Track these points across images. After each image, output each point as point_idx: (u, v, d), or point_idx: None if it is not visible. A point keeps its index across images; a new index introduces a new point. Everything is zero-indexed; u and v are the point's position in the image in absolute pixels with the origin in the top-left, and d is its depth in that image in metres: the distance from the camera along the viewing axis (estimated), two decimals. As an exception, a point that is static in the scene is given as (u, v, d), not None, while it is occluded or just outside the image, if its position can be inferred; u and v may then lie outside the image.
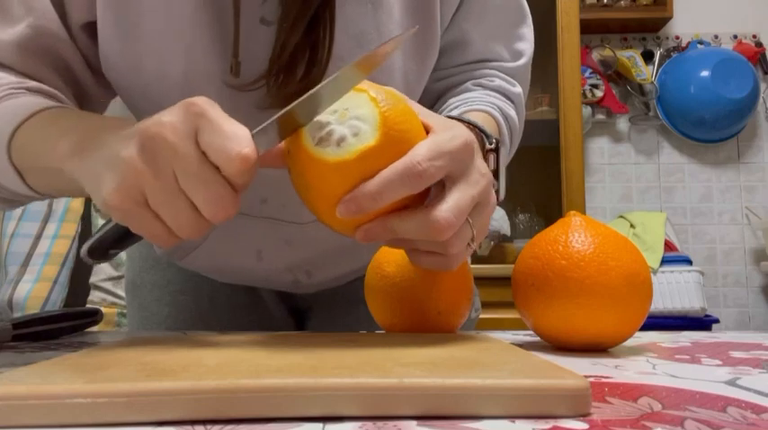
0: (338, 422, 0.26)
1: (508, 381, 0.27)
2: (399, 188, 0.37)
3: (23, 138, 0.48)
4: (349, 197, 0.37)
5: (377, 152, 0.37)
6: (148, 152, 0.36)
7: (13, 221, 1.92)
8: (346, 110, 0.38)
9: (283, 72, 0.52)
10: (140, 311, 0.74)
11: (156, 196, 0.36)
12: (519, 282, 0.47)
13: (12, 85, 0.52)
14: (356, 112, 0.38)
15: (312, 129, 0.38)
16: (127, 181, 0.36)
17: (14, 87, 0.52)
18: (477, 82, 0.66)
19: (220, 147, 0.35)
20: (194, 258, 0.67)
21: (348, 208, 0.37)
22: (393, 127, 0.37)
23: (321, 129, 0.38)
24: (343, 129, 0.37)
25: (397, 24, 0.57)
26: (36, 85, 0.54)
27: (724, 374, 0.36)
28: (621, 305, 0.43)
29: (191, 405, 0.26)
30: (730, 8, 2.43)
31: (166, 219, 0.37)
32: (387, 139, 0.37)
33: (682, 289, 1.99)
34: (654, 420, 0.26)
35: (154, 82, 0.54)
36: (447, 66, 0.67)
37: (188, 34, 0.53)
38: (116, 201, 0.37)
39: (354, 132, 0.37)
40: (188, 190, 0.36)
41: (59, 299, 1.89)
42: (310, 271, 0.68)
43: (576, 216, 0.47)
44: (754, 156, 2.41)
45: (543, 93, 2.12)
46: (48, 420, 0.25)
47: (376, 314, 0.52)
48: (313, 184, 0.39)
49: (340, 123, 0.38)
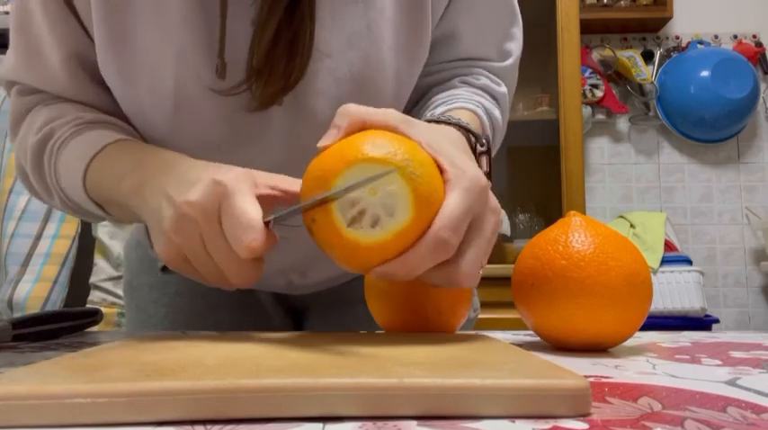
0: (338, 422, 0.26)
1: (508, 381, 0.27)
2: (431, 261, 0.39)
3: (94, 176, 0.53)
4: (383, 270, 0.39)
5: (413, 227, 0.38)
6: (181, 229, 0.43)
7: (13, 221, 1.92)
8: (376, 186, 0.38)
9: (266, 68, 0.52)
10: (138, 313, 0.74)
11: (193, 260, 0.44)
12: (519, 282, 0.47)
13: (72, 122, 0.56)
14: (387, 189, 0.38)
15: (342, 207, 0.38)
16: (170, 248, 0.44)
17: (75, 124, 0.56)
18: (464, 79, 0.66)
19: (234, 236, 0.40)
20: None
21: (382, 277, 0.40)
22: (423, 197, 0.38)
23: (352, 207, 0.38)
24: (377, 209, 0.38)
25: (389, 22, 0.57)
26: (92, 117, 0.57)
27: (724, 374, 0.36)
28: (621, 305, 0.43)
29: (190, 405, 0.26)
30: (730, 8, 2.43)
31: (206, 276, 0.44)
32: (419, 212, 0.38)
33: (682, 289, 1.99)
34: (654, 420, 0.26)
35: (146, 95, 0.55)
36: (435, 62, 0.66)
37: (178, 38, 0.53)
38: (166, 260, 0.45)
39: (389, 212, 0.38)
40: (217, 260, 0.42)
41: (59, 299, 1.89)
42: (304, 272, 0.68)
43: (576, 216, 0.47)
44: (754, 156, 2.41)
45: (543, 93, 2.12)
46: (48, 420, 0.25)
47: (376, 314, 0.52)
48: (345, 259, 0.40)
49: (371, 201, 0.38)
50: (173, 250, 0.44)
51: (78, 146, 0.54)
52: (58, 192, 0.57)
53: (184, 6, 0.52)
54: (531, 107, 2.11)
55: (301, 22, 0.52)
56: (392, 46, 0.58)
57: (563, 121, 2.01)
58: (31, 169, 0.58)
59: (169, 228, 0.43)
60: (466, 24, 0.64)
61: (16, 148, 0.61)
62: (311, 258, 0.66)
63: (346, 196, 0.38)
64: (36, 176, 0.59)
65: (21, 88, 0.61)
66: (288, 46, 0.52)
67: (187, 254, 0.43)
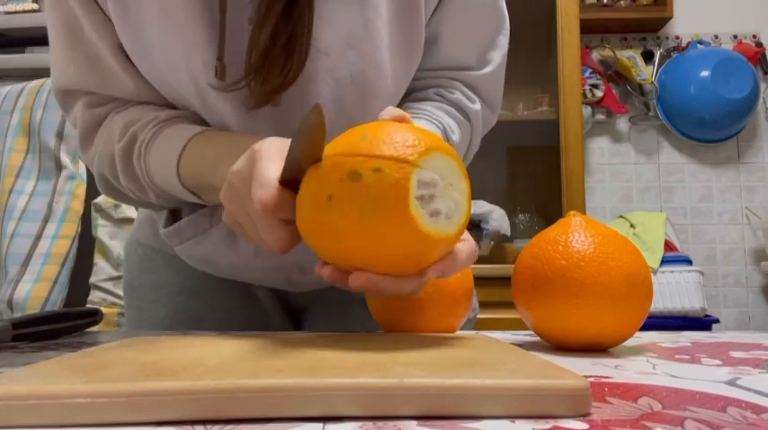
0: (338, 422, 0.26)
1: (508, 381, 0.27)
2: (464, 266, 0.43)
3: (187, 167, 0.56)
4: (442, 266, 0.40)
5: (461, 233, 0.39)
6: (227, 196, 0.46)
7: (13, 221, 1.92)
8: (451, 185, 0.37)
9: (264, 66, 0.52)
10: (138, 313, 0.74)
11: (243, 223, 0.46)
12: (519, 282, 0.47)
13: (151, 122, 0.59)
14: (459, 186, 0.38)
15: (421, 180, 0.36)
16: (226, 214, 0.48)
17: (155, 124, 0.59)
18: (439, 91, 0.67)
19: (252, 193, 0.42)
20: (192, 246, 0.67)
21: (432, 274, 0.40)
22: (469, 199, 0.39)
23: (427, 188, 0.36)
24: (443, 203, 0.37)
25: (385, 22, 0.57)
26: (166, 115, 0.60)
27: (724, 374, 0.36)
28: (621, 305, 0.43)
29: (190, 405, 0.26)
30: (730, 8, 2.43)
31: (253, 237, 0.46)
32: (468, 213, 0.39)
33: (682, 289, 1.99)
34: (654, 420, 0.26)
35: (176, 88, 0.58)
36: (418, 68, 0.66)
37: (184, 37, 0.54)
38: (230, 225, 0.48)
39: (450, 211, 0.37)
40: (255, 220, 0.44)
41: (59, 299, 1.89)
42: (304, 269, 0.68)
43: (576, 216, 0.47)
44: (754, 156, 2.41)
45: (543, 93, 2.12)
46: (48, 420, 0.25)
47: (376, 314, 0.52)
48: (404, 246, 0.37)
49: (442, 193, 0.37)
50: (228, 216, 0.48)
51: (164, 143, 0.58)
52: (153, 189, 0.61)
53: (187, 8, 0.54)
54: (531, 107, 2.11)
55: (299, 20, 0.52)
56: (389, 45, 0.58)
57: (563, 121, 2.01)
58: (123, 173, 0.61)
59: (221, 196, 0.47)
60: (449, 29, 0.64)
61: (94, 159, 0.64)
62: (311, 255, 0.67)
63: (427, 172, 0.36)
64: (128, 178, 0.62)
65: (89, 100, 0.63)
66: (286, 44, 0.52)
67: (237, 218, 0.47)
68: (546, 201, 2.19)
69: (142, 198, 0.64)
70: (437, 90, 0.67)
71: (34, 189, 1.75)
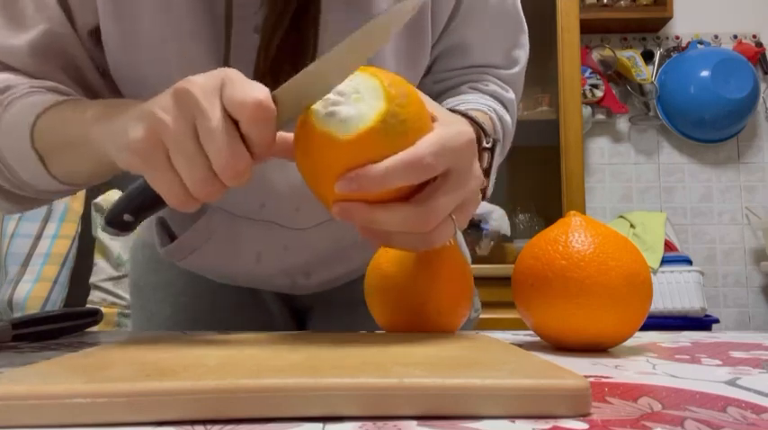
0: (338, 422, 0.26)
1: (508, 381, 0.27)
2: (402, 177, 0.37)
3: (47, 122, 0.49)
4: (353, 175, 0.37)
5: (379, 135, 0.37)
6: (175, 104, 0.38)
7: (13, 221, 1.92)
8: (359, 94, 0.38)
9: (269, 74, 0.52)
10: (143, 313, 0.75)
11: (176, 146, 0.38)
12: (519, 282, 0.47)
13: (32, 83, 0.53)
14: (364, 86, 0.38)
15: (323, 104, 0.38)
16: (151, 128, 0.38)
17: (35, 87, 0.53)
18: (474, 85, 0.67)
19: (239, 96, 0.37)
20: (194, 259, 0.67)
21: (349, 185, 0.37)
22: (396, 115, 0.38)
23: (332, 106, 0.38)
24: (350, 110, 0.38)
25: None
26: (53, 85, 0.55)
27: (724, 374, 0.36)
28: (621, 305, 0.43)
29: (191, 405, 0.26)
30: (730, 8, 2.43)
31: (182, 171, 0.38)
32: (388, 126, 0.37)
33: (682, 289, 1.99)
34: (654, 420, 0.26)
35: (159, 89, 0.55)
36: (445, 69, 0.68)
37: (184, 42, 0.54)
38: (139, 145, 0.38)
39: (361, 114, 0.37)
40: (204, 142, 0.37)
41: (59, 299, 1.89)
42: (308, 273, 0.68)
43: (576, 216, 0.47)
44: (754, 156, 2.41)
45: (543, 93, 2.12)
46: (48, 420, 0.25)
47: (376, 314, 0.52)
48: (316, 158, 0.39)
49: (350, 105, 0.38)
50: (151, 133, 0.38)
51: (32, 101, 0.51)
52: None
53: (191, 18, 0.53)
54: (531, 107, 2.11)
55: (306, 31, 0.52)
56: (394, 55, 0.58)
57: (563, 121, 2.01)
58: None
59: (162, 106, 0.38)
60: (474, 35, 0.65)
61: None
62: (316, 260, 0.67)
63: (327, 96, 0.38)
64: None
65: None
66: (293, 53, 0.52)
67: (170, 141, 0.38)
68: (546, 201, 2.19)
69: None
70: (471, 85, 0.67)
71: (34, 189, 1.73)
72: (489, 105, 0.63)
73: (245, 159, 0.38)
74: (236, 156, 0.37)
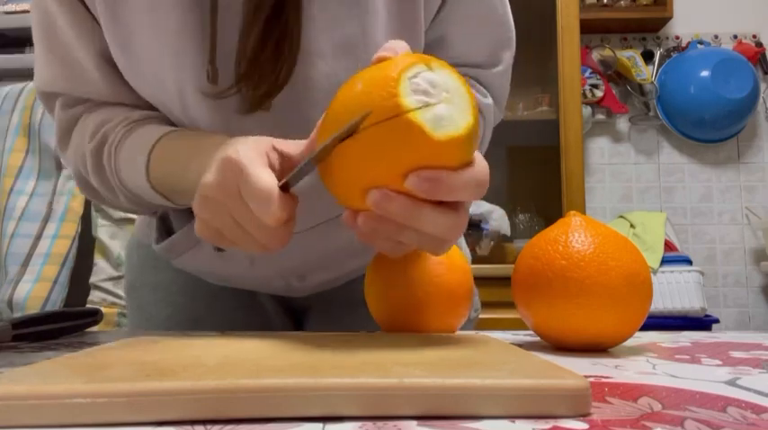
0: (338, 422, 0.26)
1: (508, 381, 0.27)
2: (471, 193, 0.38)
3: (157, 170, 0.55)
4: (431, 175, 0.36)
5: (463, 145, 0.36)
6: (206, 208, 0.45)
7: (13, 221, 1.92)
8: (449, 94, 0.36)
9: (253, 71, 0.52)
10: (139, 313, 0.74)
11: (228, 234, 0.46)
12: (519, 282, 0.47)
13: (122, 122, 0.59)
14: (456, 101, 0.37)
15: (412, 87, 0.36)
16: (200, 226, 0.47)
17: (126, 124, 0.59)
18: None
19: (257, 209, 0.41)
20: (188, 259, 0.67)
21: (421, 184, 0.36)
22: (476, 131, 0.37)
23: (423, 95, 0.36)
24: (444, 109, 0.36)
25: (383, 27, 0.57)
26: (139, 115, 0.60)
27: (724, 374, 0.36)
28: (621, 305, 0.43)
29: (191, 405, 0.26)
30: (730, 8, 2.43)
31: (244, 246, 0.46)
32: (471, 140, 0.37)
33: (682, 289, 1.99)
34: (654, 420, 0.26)
35: (158, 94, 0.58)
36: None
37: (174, 44, 0.54)
38: (203, 237, 0.47)
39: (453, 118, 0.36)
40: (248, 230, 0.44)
41: (59, 299, 1.89)
42: (302, 275, 0.68)
43: (576, 216, 0.47)
44: (754, 156, 2.41)
45: (543, 93, 2.12)
46: (48, 420, 0.25)
47: (376, 314, 0.52)
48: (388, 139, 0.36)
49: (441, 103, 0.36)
50: (203, 227, 0.47)
51: (134, 143, 0.57)
52: (123, 191, 0.60)
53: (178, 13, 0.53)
54: (531, 107, 2.11)
55: (286, 25, 0.52)
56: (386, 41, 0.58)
57: (563, 121, 2.01)
58: (93, 174, 0.61)
59: (196, 209, 0.46)
60: (456, 30, 0.64)
61: (71, 159, 0.63)
62: (310, 262, 0.67)
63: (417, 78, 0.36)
64: (98, 180, 0.61)
65: (64, 101, 0.63)
66: (275, 49, 0.52)
67: (221, 230, 0.46)
68: (546, 201, 2.19)
69: (113, 201, 0.63)
70: None
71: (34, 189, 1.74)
72: None
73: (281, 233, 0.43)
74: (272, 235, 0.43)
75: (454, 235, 0.40)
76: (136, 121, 0.59)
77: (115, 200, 0.63)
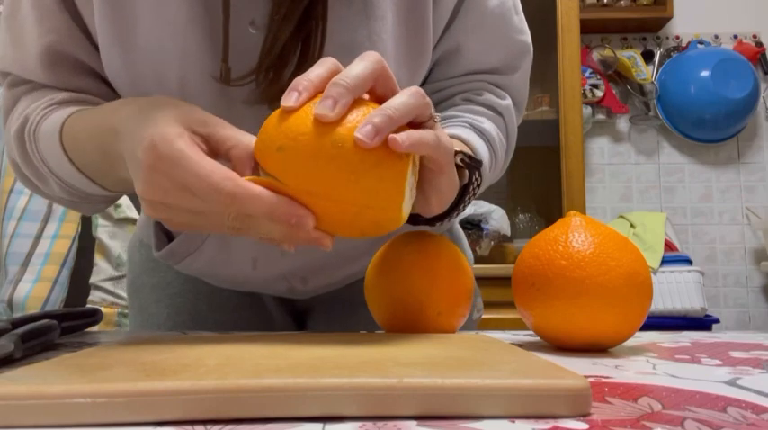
0: (338, 422, 0.26)
1: (508, 381, 0.27)
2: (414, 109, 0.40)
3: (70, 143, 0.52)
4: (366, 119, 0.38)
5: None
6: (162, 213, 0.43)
7: (13, 221, 1.92)
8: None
9: (273, 69, 0.52)
10: (141, 313, 0.74)
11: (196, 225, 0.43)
12: (519, 281, 0.47)
13: (44, 104, 0.56)
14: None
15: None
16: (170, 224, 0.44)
17: (47, 106, 0.56)
18: (466, 96, 0.65)
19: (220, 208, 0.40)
20: (189, 263, 0.67)
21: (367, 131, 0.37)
22: None
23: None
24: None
25: (390, 33, 0.57)
26: (64, 96, 0.57)
27: (724, 374, 0.36)
28: (621, 305, 0.43)
29: (191, 405, 0.26)
30: (730, 8, 2.43)
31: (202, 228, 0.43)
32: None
33: (682, 289, 1.99)
34: (654, 420, 0.26)
35: (153, 88, 0.56)
36: (440, 78, 0.66)
37: (181, 38, 0.53)
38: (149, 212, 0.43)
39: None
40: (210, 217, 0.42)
41: (59, 299, 1.88)
42: (305, 278, 0.68)
43: (576, 216, 0.47)
44: (754, 156, 2.41)
45: (543, 93, 2.12)
46: (48, 420, 0.25)
47: (376, 314, 0.52)
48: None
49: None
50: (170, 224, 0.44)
51: (50, 123, 0.54)
52: (51, 176, 0.56)
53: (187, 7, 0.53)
54: (531, 107, 2.11)
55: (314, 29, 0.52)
56: (393, 56, 0.58)
57: (563, 121, 2.01)
58: (20, 160, 0.58)
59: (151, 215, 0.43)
60: (471, 39, 0.63)
61: (6, 142, 0.61)
62: (312, 265, 0.67)
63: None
64: (25, 165, 0.58)
65: (11, 80, 0.61)
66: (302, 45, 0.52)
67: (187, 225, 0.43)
68: (546, 201, 2.20)
69: (48, 191, 0.60)
70: (464, 95, 0.66)
71: (34, 189, 1.73)
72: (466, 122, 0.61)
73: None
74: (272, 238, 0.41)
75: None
76: (59, 103, 0.56)
77: (46, 187, 0.59)
